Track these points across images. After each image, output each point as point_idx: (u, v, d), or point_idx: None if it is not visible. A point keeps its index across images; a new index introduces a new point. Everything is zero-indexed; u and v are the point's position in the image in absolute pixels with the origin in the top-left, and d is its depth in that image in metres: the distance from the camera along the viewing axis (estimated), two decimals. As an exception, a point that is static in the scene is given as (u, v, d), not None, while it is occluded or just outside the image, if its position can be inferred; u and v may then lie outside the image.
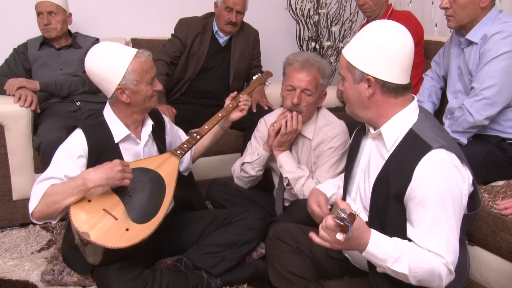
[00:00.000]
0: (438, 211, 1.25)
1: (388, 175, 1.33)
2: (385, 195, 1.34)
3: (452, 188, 1.27)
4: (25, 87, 2.39)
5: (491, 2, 1.97)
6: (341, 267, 1.63)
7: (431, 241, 1.26)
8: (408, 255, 1.25)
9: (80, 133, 1.76)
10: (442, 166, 1.26)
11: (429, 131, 1.32)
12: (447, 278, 1.28)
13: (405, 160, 1.30)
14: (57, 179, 1.68)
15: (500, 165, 1.95)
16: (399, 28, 1.35)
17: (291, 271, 1.59)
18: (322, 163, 2.06)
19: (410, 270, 1.24)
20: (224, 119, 2.10)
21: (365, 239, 1.24)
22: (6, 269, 2.00)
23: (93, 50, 1.77)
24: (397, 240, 1.28)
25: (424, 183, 1.25)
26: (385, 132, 1.38)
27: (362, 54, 1.34)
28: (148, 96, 1.79)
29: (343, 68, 1.40)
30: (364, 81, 1.35)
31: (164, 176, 1.78)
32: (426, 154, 1.26)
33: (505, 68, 1.88)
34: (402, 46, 1.33)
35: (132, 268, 1.67)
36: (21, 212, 2.39)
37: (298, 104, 2.00)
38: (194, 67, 2.85)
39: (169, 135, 2.07)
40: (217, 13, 2.83)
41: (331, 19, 3.51)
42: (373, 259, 1.27)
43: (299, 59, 2.03)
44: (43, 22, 2.58)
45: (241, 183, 2.23)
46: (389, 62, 1.32)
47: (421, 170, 1.26)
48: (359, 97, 1.38)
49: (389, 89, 1.34)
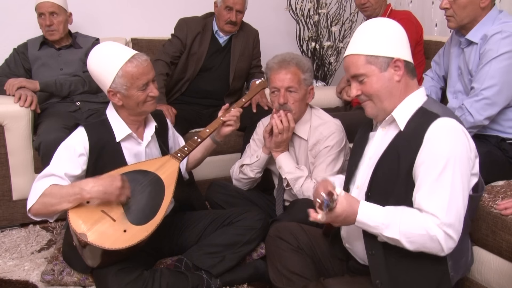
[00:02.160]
0: (444, 172, 1.26)
1: (399, 151, 1.35)
2: (395, 171, 1.34)
3: (460, 152, 1.28)
4: (25, 87, 2.39)
5: (491, 2, 1.97)
6: (342, 267, 1.63)
7: (431, 200, 1.26)
8: (398, 220, 1.26)
9: (82, 131, 1.76)
10: (451, 130, 1.29)
11: (437, 107, 1.36)
12: (447, 242, 1.26)
13: (415, 132, 1.32)
14: (57, 177, 1.68)
15: (500, 165, 1.95)
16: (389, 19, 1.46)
17: (292, 270, 1.59)
18: (319, 162, 2.06)
19: (401, 235, 1.26)
20: (216, 132, 2.05)
21: (354, 210, 1.28)
22: (6, 269, 2.00)
23: (93, 50, 1.77)
24: (389, 208, 1.30)
25: (433, 146, 1.28)
26: (397, 115, 1.40)
27: (381, 41, 1.37)
28: (141, 101, 1.76)
29: (360, 67, 1.39)
30: (391, 66, 1.38)
31: (164, 178, 1.78)
32: (435, 120, 1.29)
33: (505, 68, 1.88)
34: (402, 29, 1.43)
35: (131, 270, 1.66)
36: (21, 212, 2.39)
37: (286, 103, 2.02)
38: (194, 67, 2.85)
39: (171, 139, 2.07)
40: (217, 13, 2.83)
41: (331, 19, 3.51)
42: (367, 228, 1.31)
43: (276, 61, 2.06)
44: (45, 23, 2.57)
45: (240, 185, 2.23)
46: (405, 43, 1.40)
47: (431, 135, 1.29)
48: (388, 85, 1.39)
49: (410, 69, 1.41)
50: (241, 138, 2.71)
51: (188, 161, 2.10)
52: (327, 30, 3.55)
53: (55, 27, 2.59)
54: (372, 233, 1.33)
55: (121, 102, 1.75)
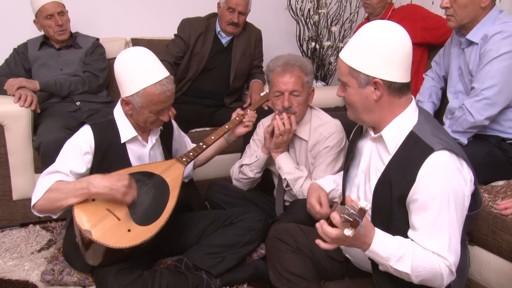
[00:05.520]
0: (441, 213, 1.25)
1: (391, 178, 1.32)
2: (388, 199, 1.33)
3: (455, 190, 1.27)
4: (25, 87, 2.39)
5: (491, 2, 1.97)
6: (341, 268, 1.63)
7: (433, 242, 1.26)
8: (411, 255, 1.25)
9: (88, 130, 1.76)
10: (445, 168, 1.26)
11: (429, 133, 1.31)
12: (449, 278, 1.28)
13: (407, 163, 1.29)
14: (62, 174, 1.69)
15: (500, 165, 1.95)
16: (396, 27, 1.34)
17: (291, 271, 1.59)
18: (319, 163, 2.06)
19: (412, 270, 1.24)
20: (230, 132, 2.12)
21: (370, 237, 1.24)
22: (6, 269, 2.00)
23: (127, 52, 1.75)
24: (401, 239, 1.28)
25: (428, 185, 1.25)
26: (386, 135, 1.37)
27: (365, 57, 1.31)
28: (150, 121, 1.77)
29: (344, 74, 1.37)
30: (370, 84, 1.33)
31: (169, 181, 1.79)
32: (428, 156, 1.26)
33: (506, 68, 1.88)
34: (402, 44, 1.31)
35: (131, 271, 1.66)
36: (21, 212, 2.39)
37: (290, 106, 2.01)
38: (196, 67, 2.85)
39: (176, 141, 2.08)
40: (220, 14, 2.84)
41: (331, 19, 3.51)
42: (376, 257, 1.26)
43: (279, 63, 2.04)
44: (57, 24, 2.58)
45: (240, 185, 2.23)
46: (393, 62, 1.31)
47: (425, 173, 1.25)
48: (365, 102, 1.36)
49: (395, 89, 1.33)
50: (241, 138, 2.69)
51: (196, 160, 2.11)
52: (327, 30, 3.55)
53: (64, 26, 2.61)
54: (378, 262, 1.28)
55: (130, 112, 1.77)
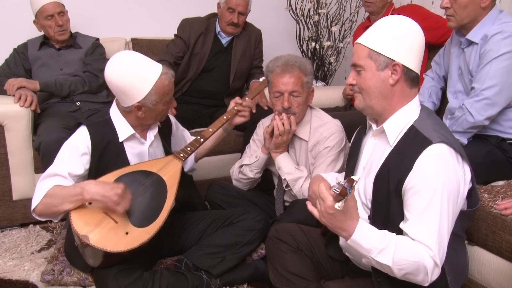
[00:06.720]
0: (433, 202, 1.25)
1: (389, 169, 1.33)
2: (386, 190, 1.34)
3: (450, 182, 1.27)
4: (25, 87, 2.39)
5: (491, 2, 1.97)
6: (341, 268, 1.63)
7: (421, 230, 1.25)
8: (393, 247, 1.24)
9: (84, 130, 1.76)
10: (442, 159, 1.27)
11: (429, 128, 1.33)
12: (434, 272, 1.26)
13: (405, 155, 1.30)
14: (61, 176, 1.69)
15: (500, 165, 1.95)
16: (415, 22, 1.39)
17: (291, 271, 1.59)
18: (320, 163, 2.06)
19: (394, 262, 1.24)
20: (227, 122, 2.10)
21: (353, 223, 1.24)
22: (6, 269, 2.00)
23: (117, 62, 1.70)
24: (385, 233, 1.28)
25: (423, 174, 1.26)
26: (387, 128, 1.39)
27: (387, 40, 1.34)
28: (162, 114, 1.82)
29: (361, 58, 1.38)
30: (389, 68, 1.35)
31: (166, 179, 1.78)
32: (427, 147, 1.27)
33: (506, 69, 1.88)
34: (422, 37, 1.37)
35: (131, 272, 1.66)
36: (21, 212, 2.39)
37: (290, 107, 2.01)
38: (196, 67, 2.85)
39: (174, 136, 2.07)
40: (220, 14, 2.84)
41: (331, 19, 3.51)
42: (358, 248, 1.26)
43: (279, 64, 2.04)
44: (57, 24, 2.58)
45: (240, 185, 2.23)
46: (414, 50, 1.35)
47: (421, 162, 1.27)
48: (381, 85, 1.37)
49: (410, 77, 1.36)
50: (241, 138, 2.71)
51: (196, 152, 2.11)
52: (327, 30, 3.55)
53: (65, 26, 2.61)
54: (359, 253, 1.27)
55: (143, 115, 1.76)
